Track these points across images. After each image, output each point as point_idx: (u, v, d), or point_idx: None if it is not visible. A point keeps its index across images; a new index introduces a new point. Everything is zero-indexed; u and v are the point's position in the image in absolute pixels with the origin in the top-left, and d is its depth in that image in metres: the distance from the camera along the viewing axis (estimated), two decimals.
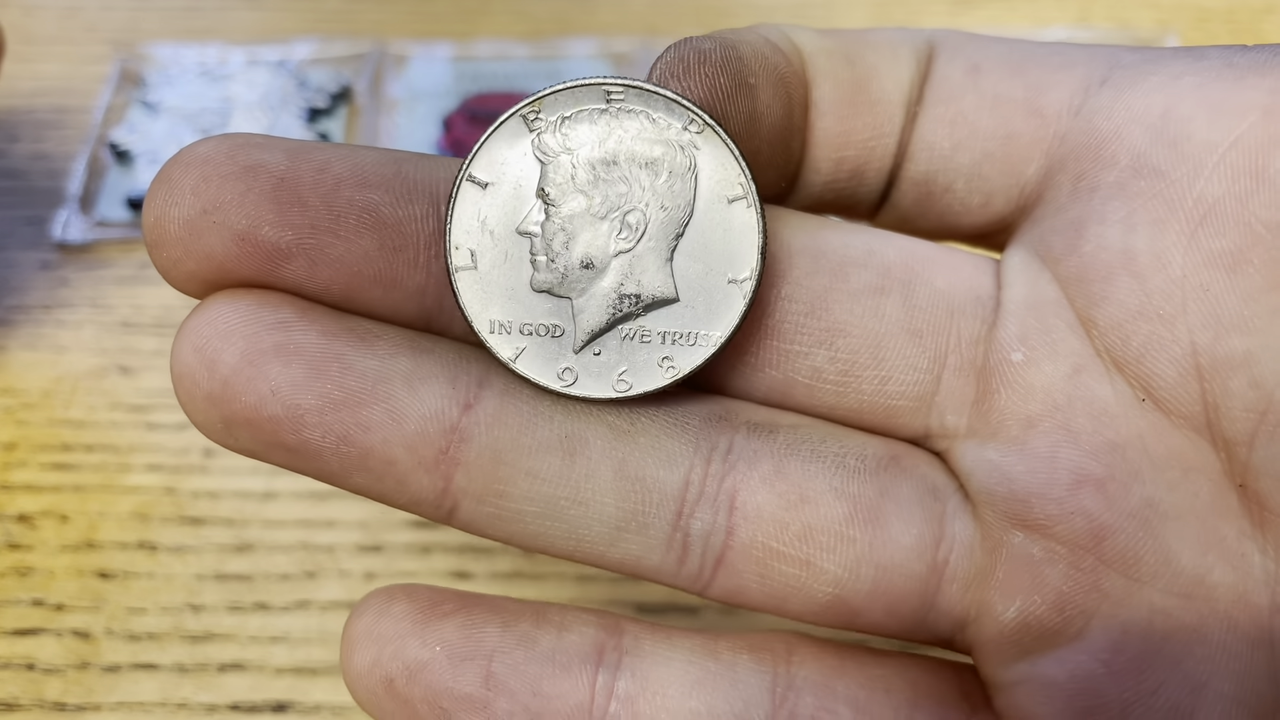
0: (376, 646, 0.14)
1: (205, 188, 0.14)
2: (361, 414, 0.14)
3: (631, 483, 0.15)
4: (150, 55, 0.40)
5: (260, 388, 0.13)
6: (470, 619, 0.14)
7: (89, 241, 0.34)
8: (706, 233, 0.15)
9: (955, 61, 0.17)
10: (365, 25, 0.41)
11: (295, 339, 0.14)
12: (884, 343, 0.15)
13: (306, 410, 0.14)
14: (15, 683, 0.25)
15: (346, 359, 0.14)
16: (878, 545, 0.15)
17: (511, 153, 0.14)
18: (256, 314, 0.14)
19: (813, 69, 0.17)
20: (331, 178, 0.14)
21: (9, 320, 0.33)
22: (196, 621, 0.26)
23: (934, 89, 0.17)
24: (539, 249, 0.15)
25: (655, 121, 0.14)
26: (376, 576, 0.27)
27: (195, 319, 0.14)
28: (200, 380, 0.14)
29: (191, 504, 0.28)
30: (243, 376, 0.13)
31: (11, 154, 0.37)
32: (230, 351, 0.13)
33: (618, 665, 0.15)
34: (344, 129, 0.38)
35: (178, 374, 0.14)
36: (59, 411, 0.30)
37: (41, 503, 0.28)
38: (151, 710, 0.25)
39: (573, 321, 0.15)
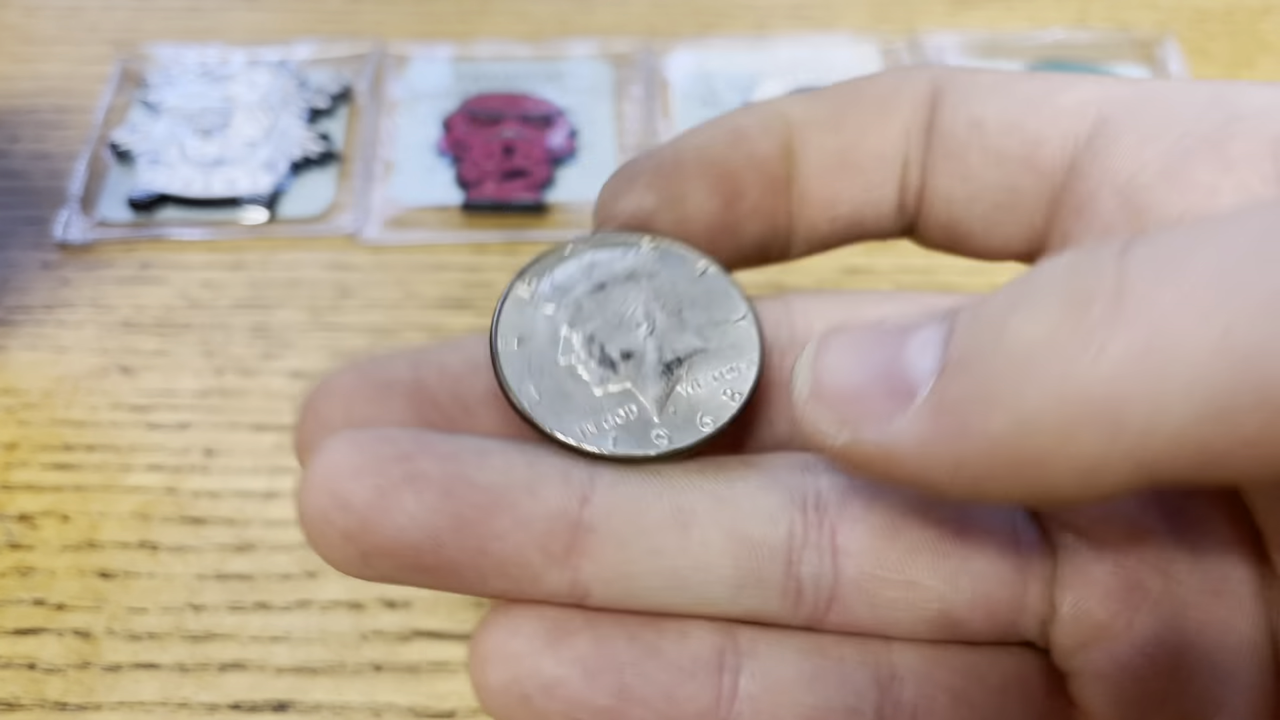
0: (511, 665, 0.15)
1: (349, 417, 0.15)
2: (494, 525, 0.15)
3: (743, 544, 0.16)
4: (151, 56, 0.40)
5: (398, 519, 0.14)
6: (598, 634, 0.15)
7: (90, 241, 0.34)
8: (697, 297, 0.17)
9: (959, 114, 0.18)
10: (366, 26, 0.41)
11: (420, 467, 0.14)
12: None
13: (443, 531, 0.14)
14: (16, 682, 0.25)
15: (469, 478, 0.15)
16: (970, 554, 0.16)
17: (523, 315, 0.17)
18: (379, 450, 0.14)
19: (799, 140, 0.18)
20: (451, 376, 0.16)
21: (10, 320, 0.33)
22: (197, 621, 0.26)
23: (942, 142, 0.18)
24: (582, 361, 0.17)
25: (615, 247, 0.17)
26: None
27: (322, 463, 0.14)
28: (336, 519, 0.14)
29: (192, 504, 0.28)
30: (379, 510, 0.14)
31: (13, 154, 0.37)
32: (363, 489, 0.14)
33: (738, 668, 0.15)
34: (345, 129, 0.38)
35: (310, 516, 0.14)
36: (60, 411, 0.30)
37: (42, 502, 0.28)
38: (152, 709, 0.25)
39: (638, 399, 0.16)
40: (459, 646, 0.26)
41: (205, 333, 0.32)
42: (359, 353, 0.32)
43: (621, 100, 0.39)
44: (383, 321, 0.33)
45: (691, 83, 0.39)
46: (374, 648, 0.26)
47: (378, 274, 0.34)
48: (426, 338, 0.32)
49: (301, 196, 0.36)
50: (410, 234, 0.35)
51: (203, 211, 0.35)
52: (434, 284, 0.34)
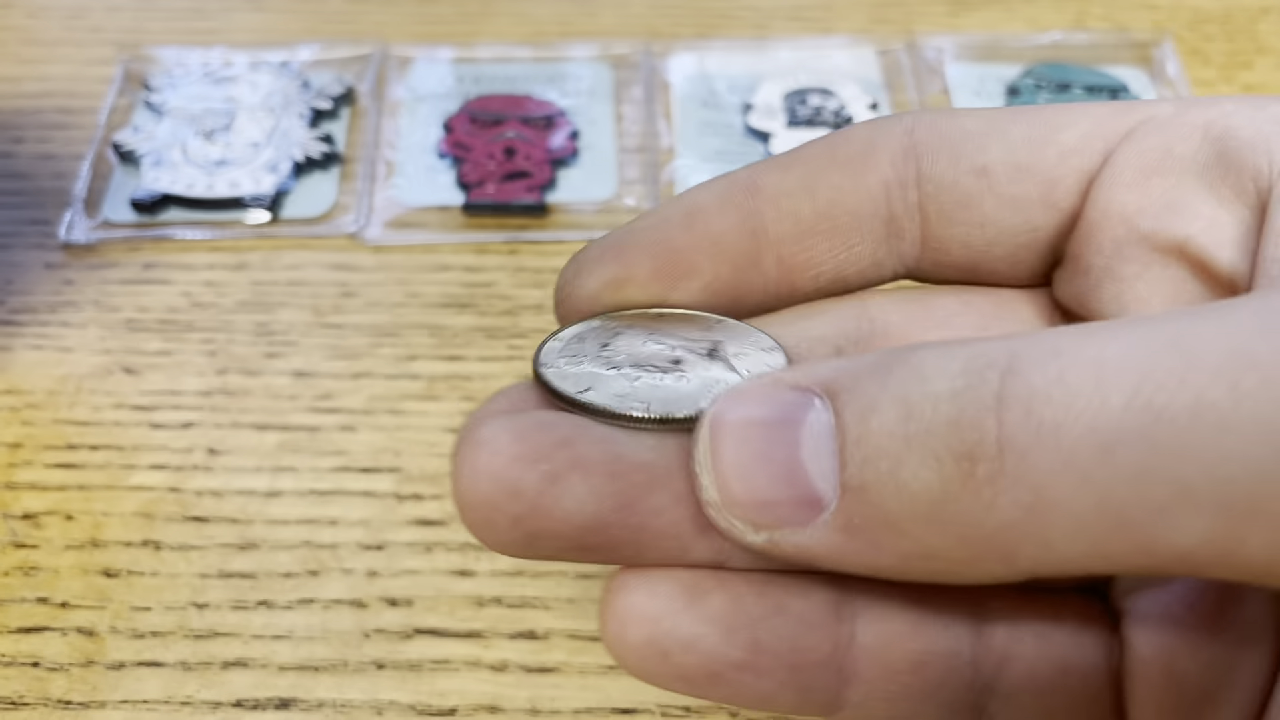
0: (650, 624, 0.15)
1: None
2: (653, 502, 0.15)
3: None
4: (155, 57, 0.40)
5: (568, 503, 0.15)
6: (731, 593, 0.16)
7: (94, 242, 0.35)
8: (721, 336, 0.18)
9: (960, 165, 0.18)
10: (368, 28, 0.42)
11: (582, 452, 0.15)
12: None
13: (608, 511, 0.15)
14: (20, 680, 0.25)
15: (628, 458, 0.15)
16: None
17: (559, 361, 0.17)
18: (541, 436, 0.15)
19: (771, 210, 0.18)
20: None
21: (14, 320, 0.33)
22: (200, 619, 0.26)
23: (948, 193, 0.18)
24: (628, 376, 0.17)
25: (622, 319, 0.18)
26: (379, 574, 0.27)
27: (485, 450, 0.15)
28: (505, 505, 0.15)
29: (195, 503, 0.29)
30: (550, 496, 0.15)
31: (17, 155, 0.37)
32: (533, 475, 0.15)
33: (854, 618, 0.16)
34: (347, 131, 0.38)
35: (474, 502, 0.15)
36: (64, 411, 0.31)
37: (47, 502, 0.29)
38: (156, 707, 0.25)
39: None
40: (461, 644, 0.26)
41: (208, 333, 0.32)
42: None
43: (622, 102, 0.39)
44: (385, 321, 0.33)
45: (692, 84, 0.39)
46: (376, 646, 0.26)
47: (380, 274, 0.34)
48: (428, 338, 0.32)
49: (304, 197, 0.36)
50: (412, 235, 0.35)
51: (206, 212, 0.35)
52: (436, 284, 0.34)
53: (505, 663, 0.26)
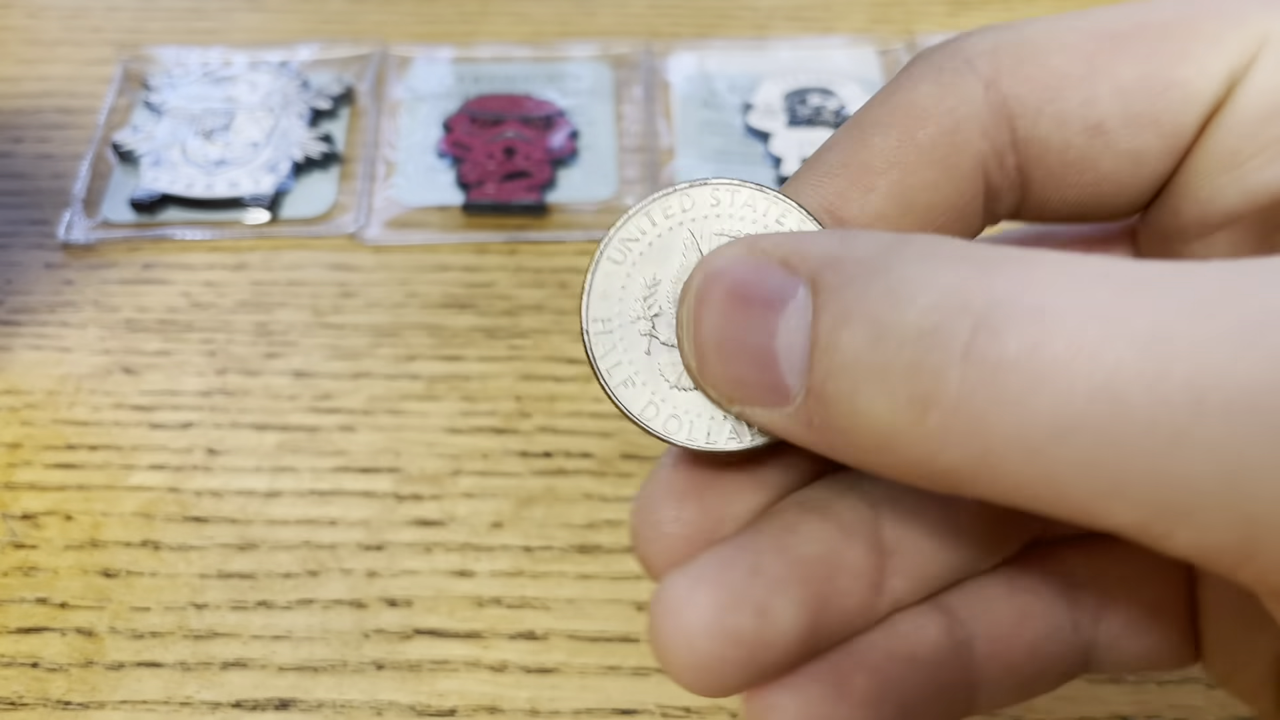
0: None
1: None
2: (838, 586, 0.15)
3: (989, 509, 0.17)
4: (154, 57, 0.40)
5: (782, 625, 0.15)
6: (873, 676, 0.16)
7: (93, 242, 0.35)
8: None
9: (1068, 124, 0.16)
10: (367, 27, 0.42)
11: (771, 574, 0.15)
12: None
13: (815, 614, 0.15)
14: (20, 681, 0.25)
15: (803, 558, 0.15)
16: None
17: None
18: (733, 575, 0.15)
19: None
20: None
21: (13, 320, 0.33)
22: (200, 620, 0.26)
23: (1055, 157, 0.16)
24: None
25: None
26: (379, 575, 0.27)
27: (686, 611, 0.14)
28: (729, 655, 0.14)
29: (195, 503, 0.29)
30: (765, 627, 0.14)
31: (16, 155, 0.37)
32: (745, 619, 0.14)
33: (966, 630, 0.16)
34: (346, 131, 0.38)
35: (696, 665, 0.14)
36: (63, 411, 0.31)
37: (46, 502, 0.29)
38: (155, 708, 0.25)
39: None
40: (460, 645, 0.26)
41: (208, 333, 0.32)
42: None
43: (622, 101, 0.39)
44: (384, 321, 0.33)
45: (692, 84, 0.39)
46: (376, 646, 0.26)
47: (379, 274, 0.34)
48: (428, 338, 0.32)
49: (303, 197, 0.36)
50: (411, 235, 0.35)
51: (205, 212, 0.35)
52: (435, 284, 0.34)
53: (505, 663, 0.26)
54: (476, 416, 0.30)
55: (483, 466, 0.29)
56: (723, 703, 0.25)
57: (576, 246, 0.35)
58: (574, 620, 0.26)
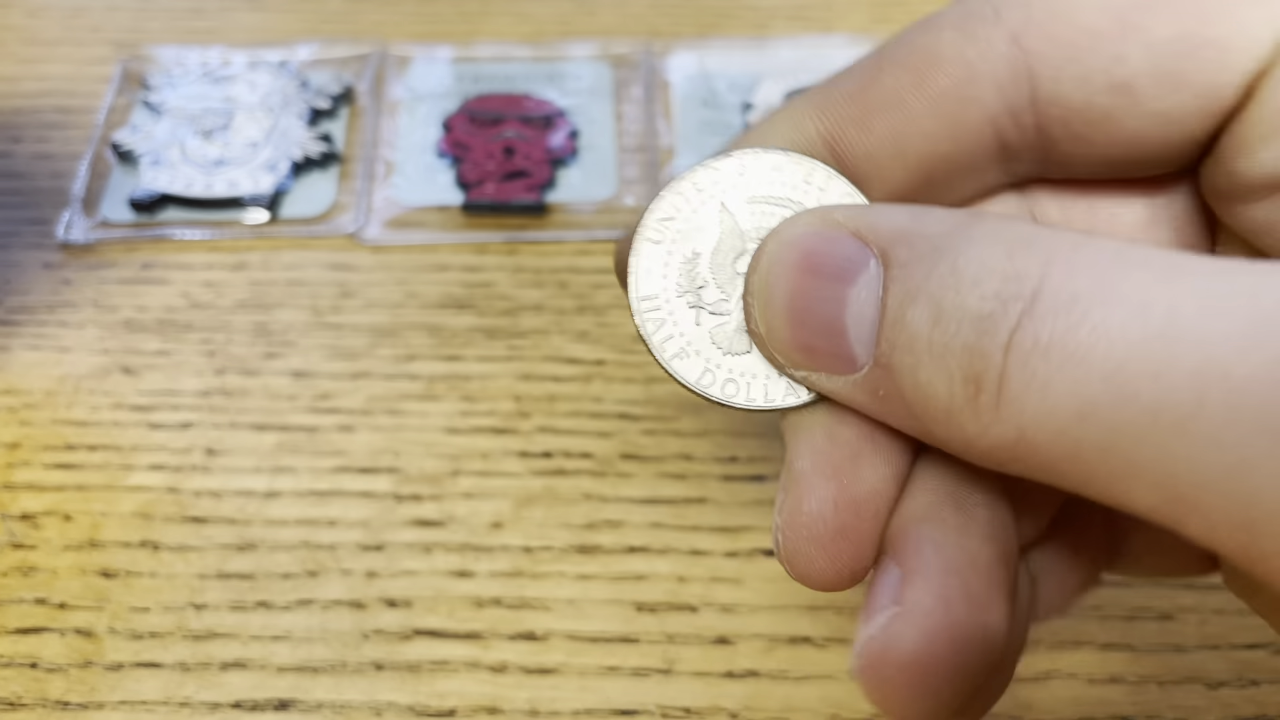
0: None
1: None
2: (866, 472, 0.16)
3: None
4: (153, 57, 0.40)
5: (869, 477, 0.16)
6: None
7: (92, 242, 0.34)
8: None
9: (1092, 82, 0.15)
10: (367, 27, 0.41)
11: (858, 475, 0.16)
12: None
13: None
14: (18, 681, 0.25)
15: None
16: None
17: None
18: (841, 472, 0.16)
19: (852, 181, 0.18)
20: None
21: (12, 320, 0.33)
22: (199, 620, 0.26)
23: (1077, 116, 0.16)
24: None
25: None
26: (378, 575, 0.27)
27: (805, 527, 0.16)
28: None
29: (194, 503, 0.28)
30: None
31: (15, 155, 0.37)
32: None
33: (1029, 562, 0.18)
34: (346, 130, 0.38)
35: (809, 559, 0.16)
36: (62, 411, 0.30)
37: (45, 502, 0.29)
38: (154, 708, 0.25)
39: None
40: (460, 645, 0.26)
41: (207, 333, 0.32)
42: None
43: (622, 101, 0.39)
44: (384, 321, 0.33)
45: (692, 84, 0.39)
46: (375, 647, 0.26)
47: (379, 274, 0.34)
48: (427, 338, 0.32)
49: (303, 197, 0.36)
50: (411, 234, 0.35)
51: (204, 212, 0.35)
52: (435, 284, 0.34)
53: (504, 664, 0.26)
54: (476, 417, 0.30)
55: (482, 467, 0.29)
56: (723, 703, 0.25)
57: (576, 246, 0.35)
58: (574, 621, 0.26)
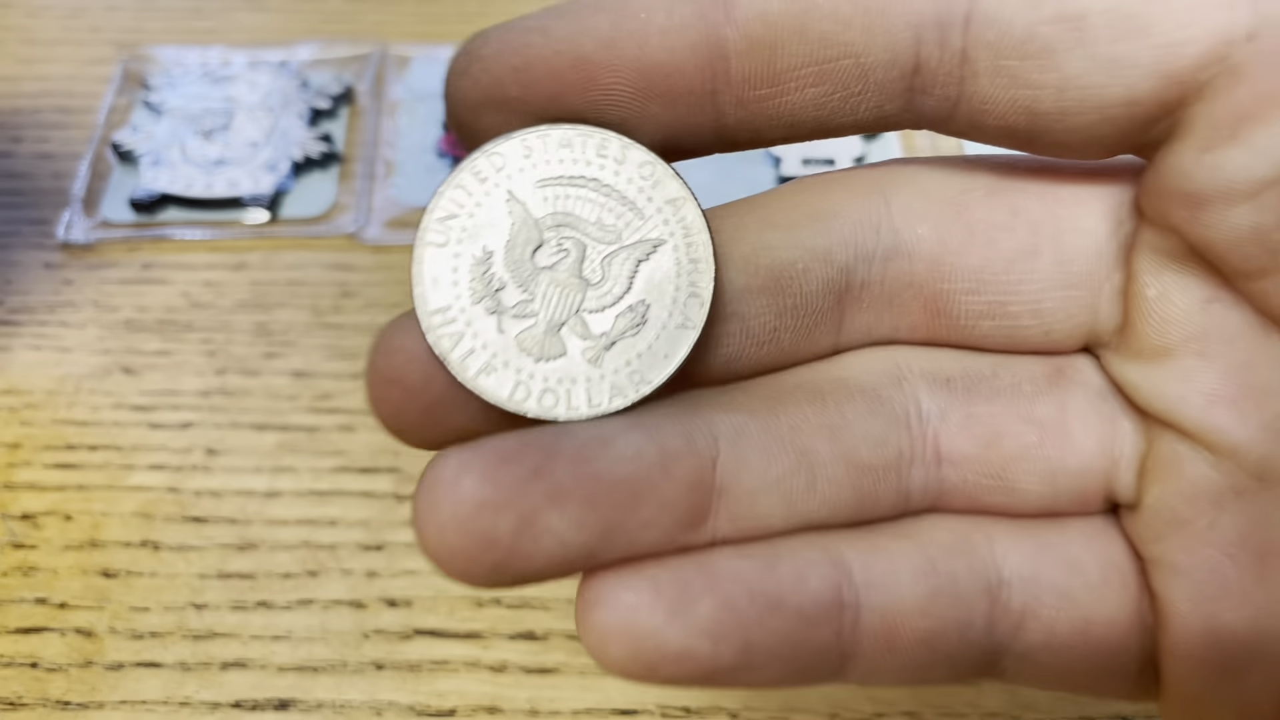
0: (634, 639, 0.14)
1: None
2: (639, 517, 0.14)
3: (861, 472, 0.16)
4: (154, 57, 0.40)
5: (547, 544, 0.14)
6: (721, 597, 0.14)
7: (93, 242, 0.35)
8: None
9: (1041, 7, 0.14)
10: (367, 27, 0.41)
11: (557, 482, 0.14)
12: (1042, 300, 0.16)
13: (592, 541, 0.14)
14: (19, 681, 0.25)
15: (605, 477, 0.14)
16: (1069, 455, 0.16)
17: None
18: (509, 473, 0.14)
19: (742, 39, 0.15)
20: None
21: (13, 320, 0.33)
22: (199, 620, 0.26)
23: (1013, 46, 0.14)
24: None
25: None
26: (378, 575, 0.27)
27: (446, 497, 0.13)
28: (477, 556, 0.14)
29: (194, 503, 0.28)
30: (527, 540, 0.14)
31: (15, 155, 0.37)
32: (505, 521, 0.13)
33: (856, 603, 0.15)
34: (346, 130, 0.38)
35: (443, 555, 0.14)
36: (63, 411, 0.31)
37: (45, 502, 0.29)
38: (155, 708, 0.25)
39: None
40: (460, 645, 0.26)
41: (207, 333, 0.32)
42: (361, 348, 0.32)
43: None
44: (384, 321, 0.33)
45: None
46: (375, 646, 0.26)
47: (379, 274, 0.34)
48: None
49: (303, 197, 0.36)
50: (411, 234, 0.35)
51: (205, 212, 0.35)
52: None
53: (505, 663, 0.26)
54: None
55: None
56: (723, 703, 0.25)
57: None
58: (574, 620, 0.26)
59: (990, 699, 0.25)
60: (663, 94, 0.14)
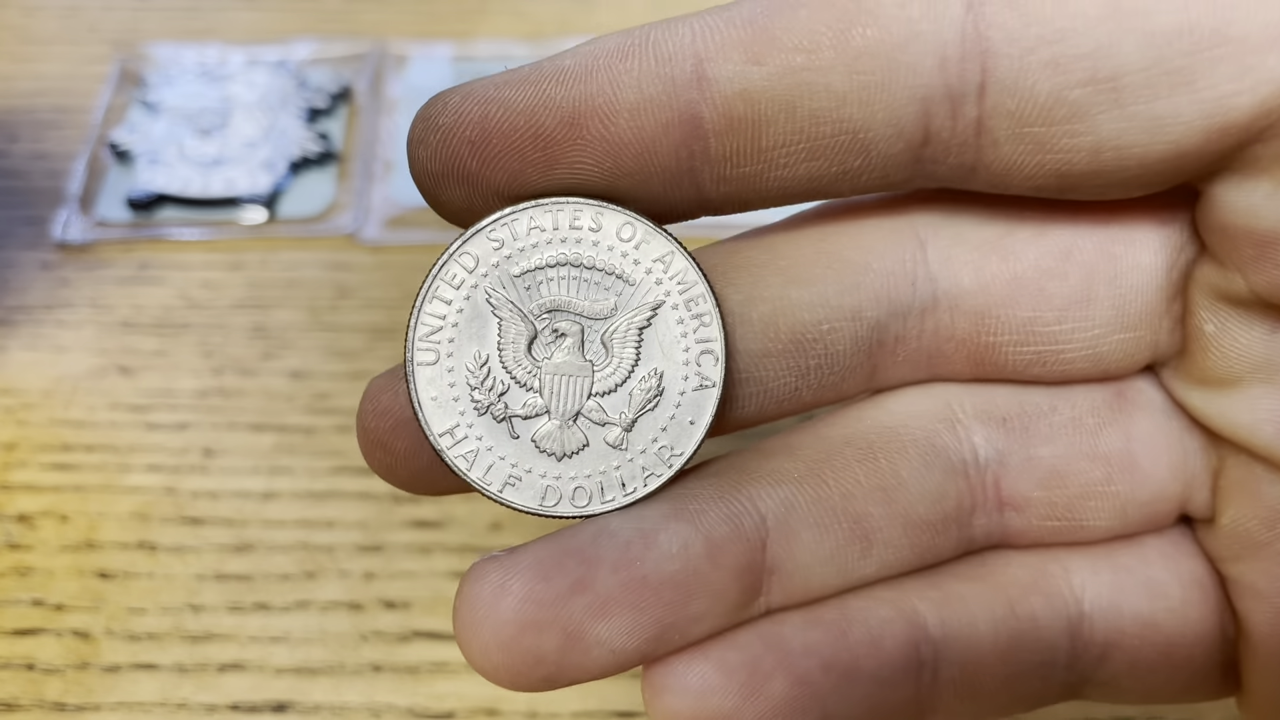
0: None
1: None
2: (690, 611, 0.14)
3: (919, 530, 0.15)
4: (150, 55, 0.40)
5: (598, 655, 0.13)
6: (794, 674, 0.14)
7: (89, 241, 0.34)
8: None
9: (1066, 74, 0.13)
10: (365, 25, 0.41)
11: (600, 591, 0.13)
12: (1099, 345, 0.15)
13: (646, 643, 0.14)
14: (15, 683, 0.25)
15: (650, 580, 0.14)
16: (1139, 487, 0.16)
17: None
18: (550, 587, 0.13)
19: (719, 116, 0.14)
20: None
21: (9, 320, 0.33)
22: (196, 622, 0.26)
23: (1036, 114, 0.13)
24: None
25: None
26: (376, 576, 0.27)
27: (486, 621, 0.13)
28: (526, 672, 0.13)
29: (191, 504, 0.28)
30: (577, 652, 0.13)
31: (12, 154, 0.37)
32: (550, 642, 0.13)
33: (935, 659, 0.15)
34: (344, 129, 0.38)
35: (491, 672, 0.14)
36: (59, 411, 0.30)
37: (41, 503, 0.28)
38: (151, 710, 0.25)
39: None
40: (458, 647, 0.26)
41: (204, 333, 0.32)
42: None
43: None
44: (382, 321, 0.33)
45: None
46: (373, 648, 0.26)
47: (377, 274, 0.34)
48: None
49: (300, 196, 0.36)
50: (410, 234, 0.35)
51: (201, 211, 0.35)
52: None
53: None
54: None
55: None
56: None
57: None
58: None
59: None
60: (633, 173, 0.13)
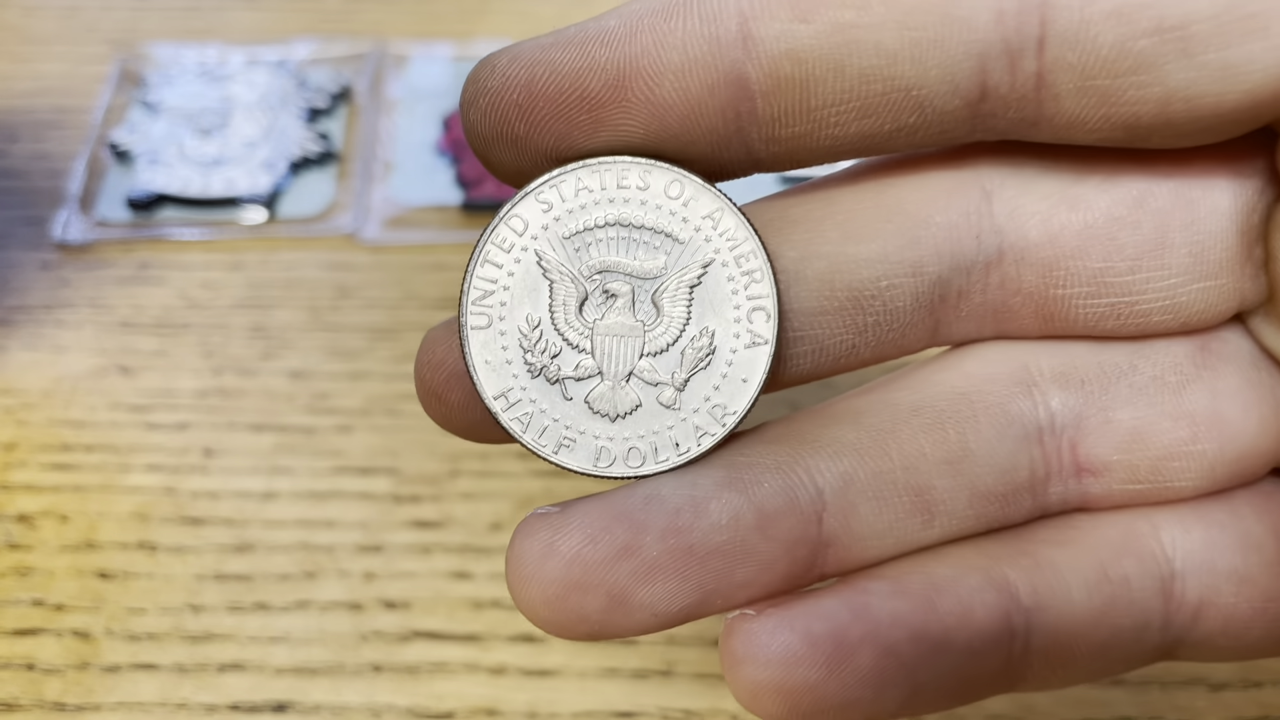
0: (791, 699, 0.13)
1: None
2: (737, 577, 0.14)
3: (987, 501, 0.15)
4: (150, 55, 0.40)
5: (641, 617, 0.13)
6: (881, 645, 0.14)
7: (89, 241, 0.34)
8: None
9: (1132, 23, 0.12)
10: (365, 25, 0.41)
11: (646, 557, 0.13)
12: (1176, 295, 0.14)
13: (691, 607, 0.14)
14: (15, 683, 0.25)
15: (696, 549, 0.13)
16: (1227, 444, 0.15)
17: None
18: (597, 551, 0.13)
19: (768, 77, 0.14)
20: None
21: (9, 320, 0.33)
22: (196, 622, 0.26)
23: (1099, 66, 0.12)
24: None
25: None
26: (376, 576, 0.27)
27: (533, 579, 0.13)
28: (572, 627, 0.13)
29: (191, 504, 0.28)
30: (621, 613, 0.13)
31: (11, 154, 0.37)
32: (594, 602, 0.13)
33: (1027, 628, 0.14)
34: (344, 129, 0.38)
35: (542, 620, 0.13)
36: (59, 411, 0.30)
37: (41, 503, 0.28)
38: (151, 710, 0.25)
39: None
40: (458, 647, 0.26)
41: (204, 333, 0.32)
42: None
43: None
44: (382, 321, 0.33)
45: None
46: (373, 648, 0.26)
47: (377, 274, 0.34)
48: None
49: (300, 196, 0.36)
50: (410, 234, 0.35)
51: (202, 211, 0.35)
52: (433, 284, 0.34)
53: (504, 666, 0.25)
54: None
55: (481, 467, 0.29)
56: (723, 704, 0.25)
57: None
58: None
59: (993, 701, 0.25)
60: (678, 135, 0.13)
